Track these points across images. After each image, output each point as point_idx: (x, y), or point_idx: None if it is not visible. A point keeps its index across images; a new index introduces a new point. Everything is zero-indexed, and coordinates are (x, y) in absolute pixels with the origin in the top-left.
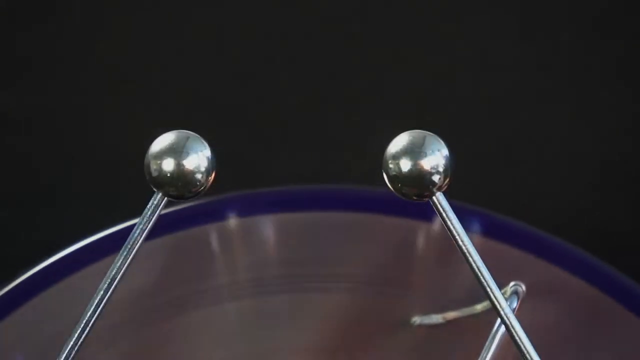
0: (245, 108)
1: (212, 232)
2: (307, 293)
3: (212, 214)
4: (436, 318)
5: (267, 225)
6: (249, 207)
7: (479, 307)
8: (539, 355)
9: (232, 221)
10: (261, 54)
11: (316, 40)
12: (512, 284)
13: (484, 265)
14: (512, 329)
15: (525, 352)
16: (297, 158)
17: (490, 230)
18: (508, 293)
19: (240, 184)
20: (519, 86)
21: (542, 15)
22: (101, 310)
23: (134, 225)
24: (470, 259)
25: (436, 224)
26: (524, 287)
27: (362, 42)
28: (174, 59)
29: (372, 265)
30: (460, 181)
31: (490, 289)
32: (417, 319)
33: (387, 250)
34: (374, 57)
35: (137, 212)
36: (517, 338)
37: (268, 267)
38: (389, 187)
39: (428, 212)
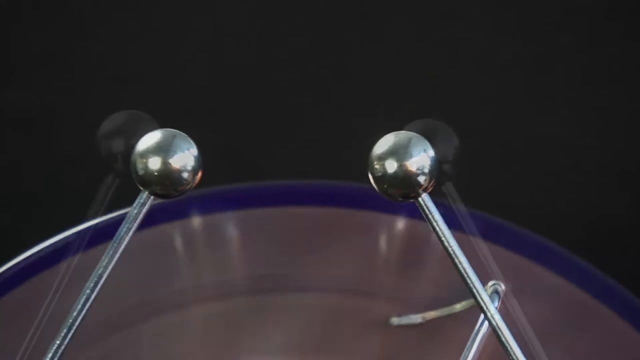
0: (245, 107)
1: (175, 231)
2: (276, 294)
3: (175, 212)
4: (415, 318)
5: (231, 223)
6: (212, 205)
7: (458, 306)
8: (525, 355)
9: (195, 219)
10: (260, 52)
11: (316, 39)
12: (491, 283)
13: (470, 266)
14: (497, 329)
15: (511, 351)
16: (297, 156)
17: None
18: (489, 292)
19: (240, 182)
20: (518, 86)
21: (542, 15)
22: (88, 309)
23: (114, 217)
24: (456, 259)
25: (407, 220)
26: (503, 286)
27: (362, 42)
28: (173, 58)
29: (343, 263)
30: (458, 180)
31: (476, 289)
32: (395, 319)
33: (358, 247)
34: (373, 57)
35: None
36: (503, 338)
37: (234, 268)
38: (374, 188)
39: (399, 207)
